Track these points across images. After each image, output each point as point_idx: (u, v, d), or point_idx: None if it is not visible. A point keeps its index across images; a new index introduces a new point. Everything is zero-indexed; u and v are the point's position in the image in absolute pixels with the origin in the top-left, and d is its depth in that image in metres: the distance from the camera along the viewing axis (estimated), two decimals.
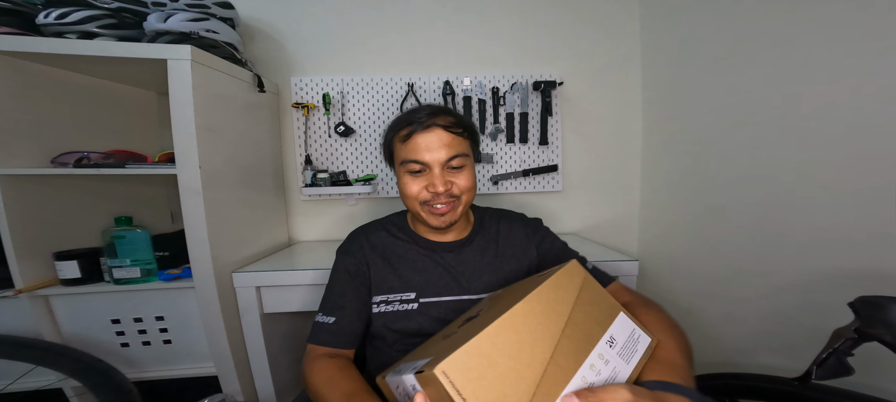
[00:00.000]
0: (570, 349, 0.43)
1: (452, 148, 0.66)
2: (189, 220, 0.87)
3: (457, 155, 0.66)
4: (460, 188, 0.67)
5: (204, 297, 0.90)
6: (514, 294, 0.50)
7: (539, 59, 1.32)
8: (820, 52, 0.74)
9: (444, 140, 0.65)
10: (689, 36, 1.10)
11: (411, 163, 0.66)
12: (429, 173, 0.66)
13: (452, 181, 0.67)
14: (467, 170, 0.69)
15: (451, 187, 0.67)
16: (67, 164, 0.88)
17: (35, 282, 0.88)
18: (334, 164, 1.31)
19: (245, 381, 1.00)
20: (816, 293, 0.77)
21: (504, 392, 0.37)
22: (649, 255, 1.32)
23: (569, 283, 0.51)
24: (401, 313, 0.69)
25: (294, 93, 1.28)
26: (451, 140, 0.66)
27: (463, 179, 0.68)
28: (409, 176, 0.68)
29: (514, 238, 0.76)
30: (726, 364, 1.01)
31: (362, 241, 0.75)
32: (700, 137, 1.07)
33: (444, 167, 0.66)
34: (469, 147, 0.70)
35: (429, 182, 0.66)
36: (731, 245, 0.97)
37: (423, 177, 0.67)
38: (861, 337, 0.52)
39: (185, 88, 0.83)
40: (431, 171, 0.66)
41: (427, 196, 0.67)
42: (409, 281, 0.70)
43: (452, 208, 0.68)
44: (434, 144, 0.65)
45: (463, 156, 0.67)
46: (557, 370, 0.40)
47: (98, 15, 0.86)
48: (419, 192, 0.67)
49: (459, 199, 0.68)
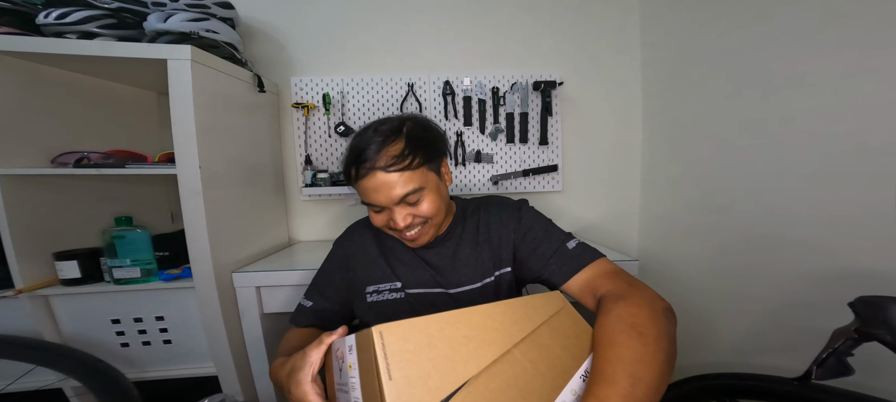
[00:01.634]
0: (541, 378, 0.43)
1: (401, 186, 0.60)
2: (189, 220, 0.87)
3: (409, 193, 0.61)
4: (424, 214, 0.63)
5: (204, 297, 0.90)
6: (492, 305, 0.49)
7: (539, 59, 1.32)
8: (820, 52, 0.74)
9: (389, 181, 0.60)
10: (689, 36, 1.10)
11: (367, 204, 0.64)
12: (388, 210, 0.63)
13: (413, 213, 0.63)
14: (428, 197, 0.63)
15: (414, 219, 0.64)
16: (67, 164, 0.88)
17: (35, 282, 0.88)
18: (334, 164, 1.31)
19: (245, 381, 1.00)
20: (816, 293, 0.77)
21: (429, 374, 0.37)
22: (649, 255, 1.32)
23: (542, 307, 0.50)
24: (390, 303, 0.69)
25: (294, 93, 1.28)
26: (397, 178, 0.60)
27: (425, 206, 0.63)
28: (370, 209, 0.66)
29: (493, 225, 0.71)
30: (726, 364, 1.01)
31: (358, 232, 0.78)
32: (700, 137, 1.07)
33: (401, 204, 0.62)
34: (423, 173, 0.62)
35: (389, 218, 0.63)
36: (731, 245, 0.97)
37: (384, 212, 0.64)
38: (861, 337, 0.52)
39: (185, 88, 0.83)
40: (389, 209, 0.63)
41: (392, 227, 0.65)
42: (397, 272, 0.71)
43: (423, 232, 0.66)
44: (382, 186, 0.60)
45: (416, 191, 0.61)
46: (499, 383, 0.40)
47: (98, 15, 0.86)
48: (384, 222, 0.65)
49: (428, 221, 0.65)
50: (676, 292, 1.20)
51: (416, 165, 0.61)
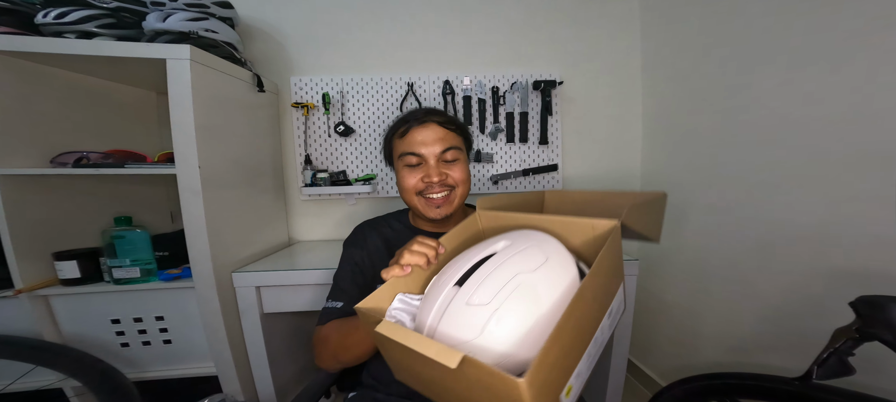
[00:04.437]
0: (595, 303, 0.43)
1: (446, 141, 0.72)
2: (189, 220, 0.86)
3: (451, 147, 0.72)
4: (455, 179, 0.72)
5: (204, 297, 0.90)
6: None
7: (539, 58, 1.32)
8: (821, 52, 0.73)
9: (438, 134, 0.71)
10: (689, 36, 1.10)
11: (408, 156, 0.72)
12: (425, 165, 0.72)
13: (447, 173, 0.72)
14: (461, 163, 0.74)
15: (446, 178, 0.72)
16: (67, 164, 0.88)
17: (35, 282, 0.88)
18: (334, 163, 1.31)
19: (245, 381, 1.00)
20: (816, 293, 0.77)
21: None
22: (649, 254, 1.32)
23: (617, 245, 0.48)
24: None
25: (294, 93, 1.28)
26: (444, 134, 0.72)
27: (457, 171, 0.73)
28: (406, 169, 0.73)
29: None
30: (726, 364, 1.01)
31: (367, 233, 0.79)
32: (700, 137, 1.07)
33: (438, 159, 0.72)
34: (462, 143, 0.76)
35: (424, 173, 0.71)
36: (731, 245, 0.97)
37: (420, 169, 0.72)
38: (862, 337, 0.52)
39: (184, 88, 0.83)
40: (427, 162, 0.71)
41: (422, 186, 0.72)
42: None
43: (448, 200, 0.73)
44: (429, 137, 0.71)
45: (456, 149, 0.73)
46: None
47: (97, 15, 0.86)
48: (416, 183, 0.72)
49: (455, 190, 0.73)
50: (676, 292, 1.20)
51: (459, 134, 0.75)
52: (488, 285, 0.42)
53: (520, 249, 0.46)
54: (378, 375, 0.70)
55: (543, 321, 0.40)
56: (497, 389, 0.32)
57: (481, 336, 0.39)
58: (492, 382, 0.32)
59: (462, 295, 0.43)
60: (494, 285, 0.42)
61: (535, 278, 0.42)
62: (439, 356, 0.33)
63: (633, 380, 1.37)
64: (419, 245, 0.54)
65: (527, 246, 0.47)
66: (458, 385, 0.37)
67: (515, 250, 0.46)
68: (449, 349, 0.33)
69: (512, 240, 0.49)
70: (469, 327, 0.40)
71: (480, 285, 0.42)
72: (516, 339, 0.39)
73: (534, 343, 0.39)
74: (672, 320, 1.23)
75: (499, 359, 0.39)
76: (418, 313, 0.48)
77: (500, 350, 0.39)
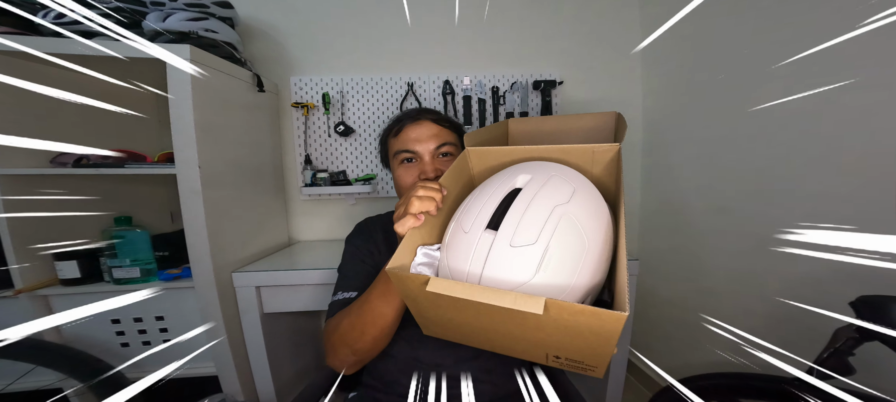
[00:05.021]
0: None
1: (440, 138, 0.72)
2: (189, 220, 0.86)
3: (445, 143, 0.72)
4: None
5: (204, 297, 0.90)
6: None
7: (539, 58, 1.32)
8: (821, 52, 0.73)
9: (432, 131, 0.72)
10: (688, 35, 1.10)
11: (403, 153, 0.72)
12: (419, 162, 0.72)
13: (442, 170, 0.71)
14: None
15: (442, 174, 0.69)
16: (67, 164, 0.88)
17: (35, 282, 0.88)
18: (334, 163, 1.31)
19: (245, 381, 1.00)
20: (816, 293, 0.77)
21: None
22: (649, 254, 1.32)
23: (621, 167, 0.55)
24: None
25: (293, 92, 1.28)
26: (438, 131, 0.73)
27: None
28: (402, 167, 0.73)
29: None
30: (726, 364, 1.01)
31: (370, 227, 0.79)
32: (700, 137, 1.07)
33: (433, 156, 0.72)
34: (457, 140, 0.76)
35: (420, 170, 0.71)
36: (732, 244, 0.97)
37: (415, 166, 0.72)
38: (862, 337, 0.52)
39: (184, 88, 0.83)
40: (422, 159, 0.72)
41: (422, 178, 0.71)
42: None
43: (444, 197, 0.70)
44: (423, 134, 0.72)
45: (451, 145, 0.73)
46: None
47: (96, 15, 0.85)
48: (413, 181, 0.71)
49: None
50: (676, 292, 1.20)
51: (453, 131, 0.76)
52: (528, 223, 0.41)
53: (543, 181, 0.45)
54: (378, 375, 0.70)
55: (594, 249, 0.41)
56: (590, 325, 0.33)
57: (537, 276, 0.39)
58: (583, 320, 0.33)
59: (502, 238, 0.41)
60: (535, 221, 0.41)
61: (572, 208, 0.42)
62: (521, 305, 0.33)
63: (633, 380, 1.37)
64: (424, 190, 0.51)
65: (548, 177, 0.46)
66: (521, 329, 0.37)
67: (540, 183, 0.45)
68: (529, 297, 0.33)
69: (531, 173, 0.47)
70: (521, 269, 0.39)
71: (519, 224, 0.41)
72: (572, 271, 0.40)
73: (589, 271, 0.40)
74: (672, 320, 1.23)
75: (559, 294, 0.39)
76: (445, 262, 0.46)
77: (560, 284, 0.39)
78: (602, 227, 0.43)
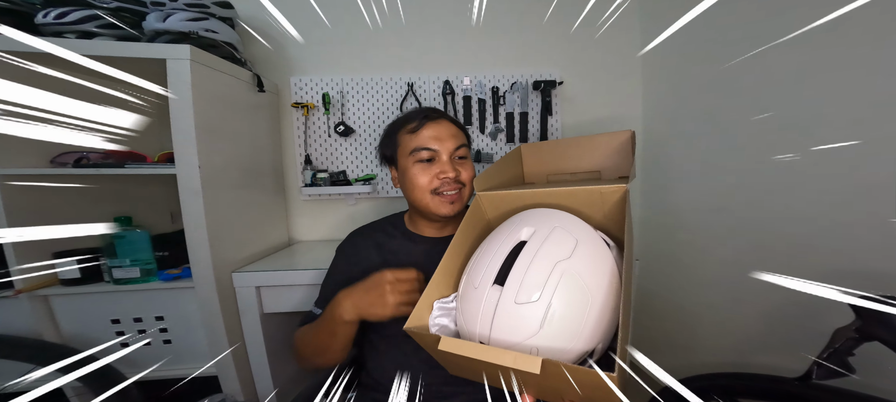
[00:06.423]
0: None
1: (458, 139, 0.72)
2: (189, 220, 0.86)
3: (462, 145, 0.73)
4: (465, 178, 0.73)
5: (204, 297, 0.90)
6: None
7: (539, 58, 1.32)
8: (821, 51, 0.73)
9: (451, 131, 0.72)
10: (688, 35, 1.10)
11: (422, 151, 0.70)
12: (439, 161, 0.71)
13: (459, 170, 0.71)
14: (469, 163, 0.75)
15: (459, 175, 0.71)
16: (67, 164, 0.88)
17: (35, 282, 0.88)
18: (334, 163, 1.31)
19: (245, 381, 1.00)
20: (816, 293, 0.76)
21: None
22: (650, 254, 1.32)
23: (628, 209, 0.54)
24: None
25: (293, 93, 1.28)
26: (456, 131, 0.73)
27: (467, 170, 0.73)
28: (418, 166, 0.71)
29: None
30: (726, 364, 1.01)
31: (358, 241, 0.79)
32: (700, 137, 1.07)
33: (451, 156, 0.71)
34: (468, 143, 0.77)
35: (439, 170, 0.70)
36: (731, 245, 0.97)
37: (433, 165, 0.71)
38: (862, 337, 0.52)
39: (184, 88, 0.83)
40: (440, 158, 0.71)
41: (437, 184, 0.70)
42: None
43: (459, 197, 0.72)
44: (443, 133, 0.71)
45: (465, 147, 0.74)
46: None
47: (97, 14, 0.86)
48: (430, 181, 0.70)
49: (464, 188, 0.73)
50: (676, 292, 1.20)
51: (465, 135, 0.76)
52: (531, 279, 0.42)
53: (546, 234, 0.46)
54: (377, 375, 0.70)
55: (598, 303, 0.42)
56: (590, 382, 0.34)
57: (539, 334, 0.40)
58: (578, 378, 0.34)
59: (508, 294, 0.43)
60: (537, 278, 0.42)
61: (574, 264, 0.43)
62: (519, 365, 0.35)
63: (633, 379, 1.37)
64: (397, 284, 0.57)
65: (551, 229, 0.47)
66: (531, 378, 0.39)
67: (542, 236, 0.46)
68: (528, 357, 0.35)
69: (534, 225, 0.49)
70: (524, 327, 0.41)
71: (523, 280, 0.42)
72: (575, 327, 0.40)
73: (593, 325, 0.41)
74: (672, 320, 1.23)
75: (559, 353, 0.40)
76: (460, 317, 0.49)
77: (564, 339, 0.40)
78: (605, 280, 0.44)
